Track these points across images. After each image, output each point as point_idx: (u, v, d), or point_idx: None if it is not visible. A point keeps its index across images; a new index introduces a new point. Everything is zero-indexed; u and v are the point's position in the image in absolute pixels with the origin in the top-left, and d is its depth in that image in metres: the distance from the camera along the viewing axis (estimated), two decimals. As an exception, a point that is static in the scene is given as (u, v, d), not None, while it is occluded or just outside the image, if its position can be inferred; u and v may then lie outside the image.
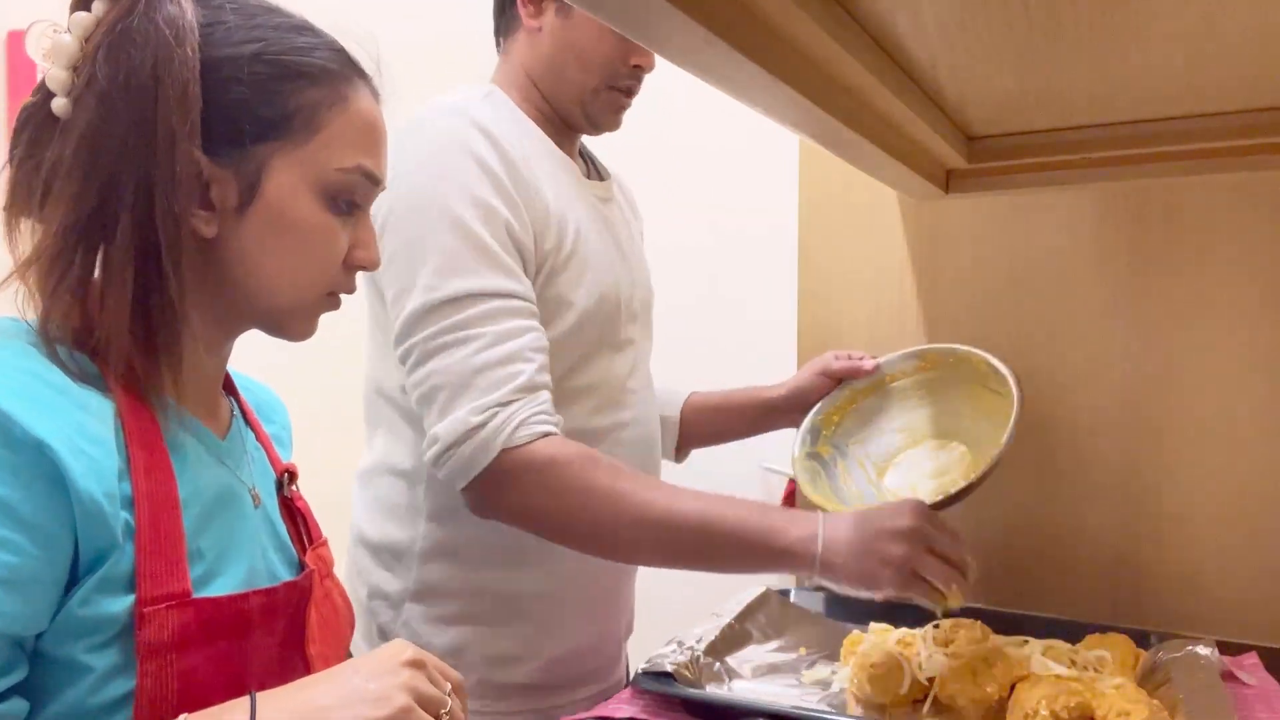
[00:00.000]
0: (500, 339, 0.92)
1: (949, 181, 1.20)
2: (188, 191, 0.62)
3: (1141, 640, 1.01)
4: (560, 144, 1.08)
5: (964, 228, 1.25)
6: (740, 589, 1.13)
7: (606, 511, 0.90)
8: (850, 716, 0.90)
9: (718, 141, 2.26)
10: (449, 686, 0.62)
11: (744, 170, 2.24)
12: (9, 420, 0.54)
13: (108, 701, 0.57)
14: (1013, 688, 0.87)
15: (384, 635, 1.06)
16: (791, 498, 2.26)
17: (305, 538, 0.77)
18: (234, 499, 0.68)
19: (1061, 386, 1.20)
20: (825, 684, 0.98)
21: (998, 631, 0.99)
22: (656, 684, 0.90)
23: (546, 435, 0.91)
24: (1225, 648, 0.98)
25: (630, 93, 1.08)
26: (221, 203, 0.65)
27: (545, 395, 0.93)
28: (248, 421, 0.77)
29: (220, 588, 0.63)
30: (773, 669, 1.01)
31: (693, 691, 0.89)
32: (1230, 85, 0.90)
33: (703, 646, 0.97)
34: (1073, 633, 1.01)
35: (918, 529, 0.87)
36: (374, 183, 0.70)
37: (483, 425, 0.90)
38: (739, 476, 2.33)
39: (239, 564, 0.66)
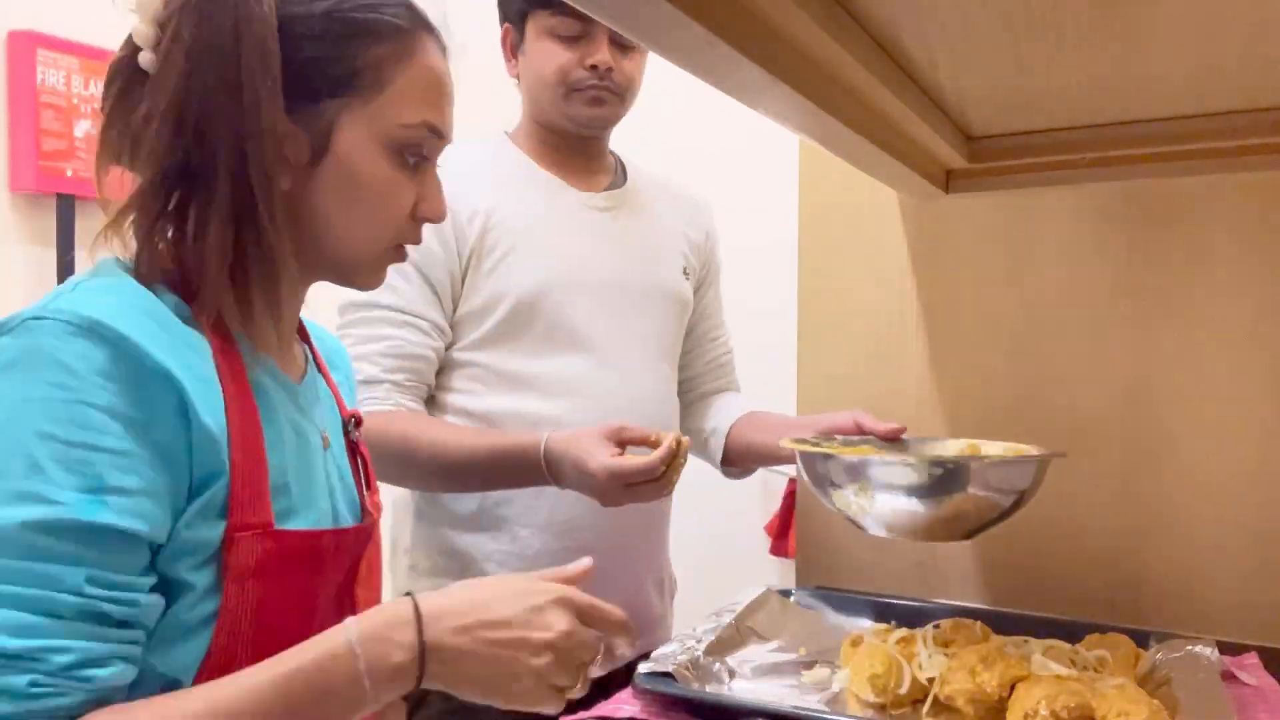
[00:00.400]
0: (361, 340, 1.12)
1: (949, 181, 1.21)
2: (274, 146, 0.64)
3: (1141, 640, 1.00)
4: (567, 162, 1.23)
5: (964, 228, 1.25)
6: (740, 589, 1.13)
7: (408, 457, 1.08)
8: (850, 716, 0.90)
9: (718, 142, 2.26)
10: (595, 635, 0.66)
11: (744, 170, 2.24)
12: (139, 350, 0.58)
13: (201, 617, 0.62)
14: (1013, 688, 0.87)
15: None
16: (792, 498, 2.26)
17: (366, 482, 0.81)
18: (307, 441, 0.72)
19: (1061, 386, 1.20)
20: (825, 684, 0.97)
21: (998, 631, 0.99)
22: (656, 684, 0.90)
23: (378, 412, 1.09)
24: (1225, 648, 0.98)
25: (598, 89, 1.17)
26: (295, 158, 0.67)
27: (385, 388, 1.11)
28: (319, 368, 0.80)
29: (297, 523, 0.67)
30: (773, 669, 1.00)
31: (693, 691, 0.89)
32: (1230, 85, 0.90)
33: (703, 646, 0.97)
34: (1073, 633, 1.01)
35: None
36: (439, 137, 0.72)
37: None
38: (739, 476, 2.33)
39: (312, 503, 0.70)
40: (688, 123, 2.26)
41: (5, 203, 1.75)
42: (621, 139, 1.30)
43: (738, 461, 1.33)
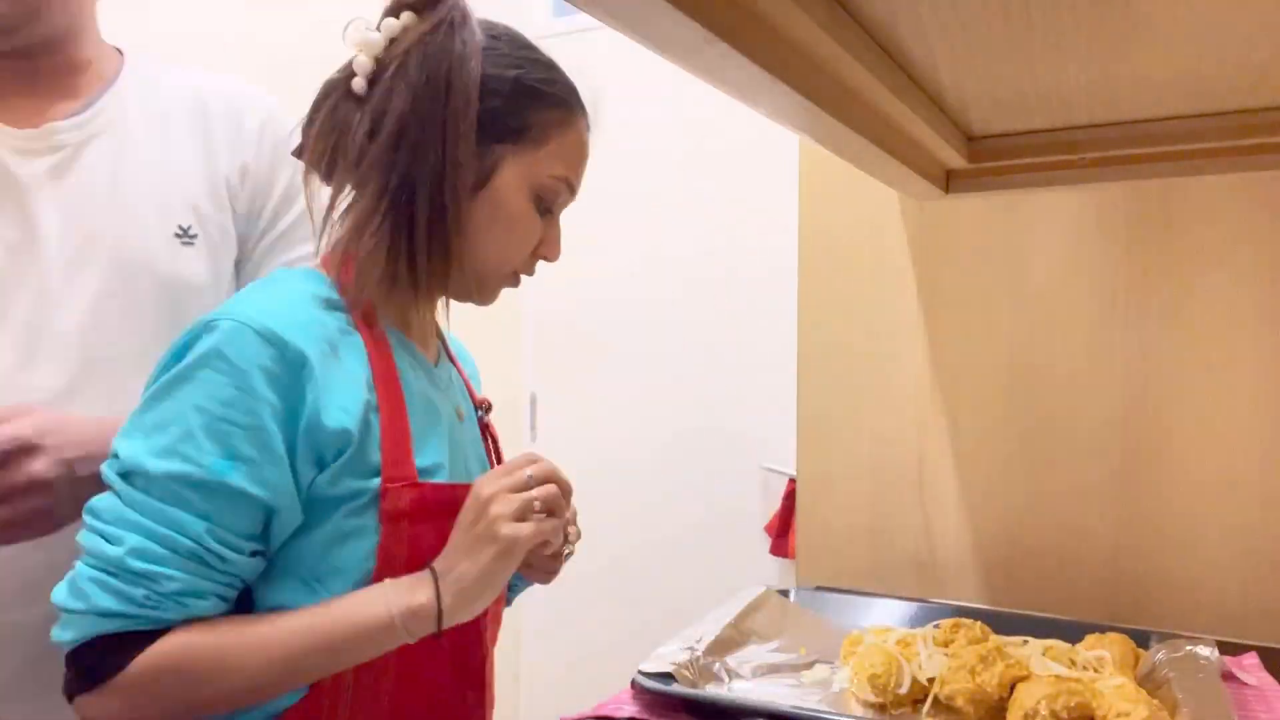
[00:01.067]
0: None
1: (949, 181, 1.21)
2: (458, 174, 0.80)
3: (1141, 640, 1.01)
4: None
5: (964, 228, 1.25)
6: (740, 589, 1.13)
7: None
8: (850, 716, 0.90)
9: (718, 142, 2.26)
10: (563, 506, 0.81)
11: (744, 171, 2.24)
12: (295, 351, 0.74)
13: (363, 553, 0.77)
14: (1013, 687, 0.87)
15: None
16: (792, 497, 2.27)
17: (496, 458, 0.98)
18: (442, 413, 0.87)
19: (1061, 386, 1.20)
20: (825, 684, 0.98)
21: (997, 631, 0.99)
22: (656, 684, 0.90)
23: None
24: (1225, 648, 0.98)
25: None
26: (463, 186, 0.82)
27: None
28: (450, 360, 0.97)
29: (439, 478, 0.83)
30: (773, 669, 1.01)
31: (693, 691, 0.89)
32: (1230, 85, 0.90)
33: (703, 646, 0.97)
34: (1073, 633, 1.01)
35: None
36: (571, 193, 0.89)
37: None
38: (739, 475, 2.33)
39: (449, 463, 0.85)
40: (688, 123, 2.26)
41: (5, 203, 1.75)
42: (622, 138, 1.29)
43: None
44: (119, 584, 0.70)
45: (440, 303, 0.91)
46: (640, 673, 0.91)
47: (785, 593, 1.20)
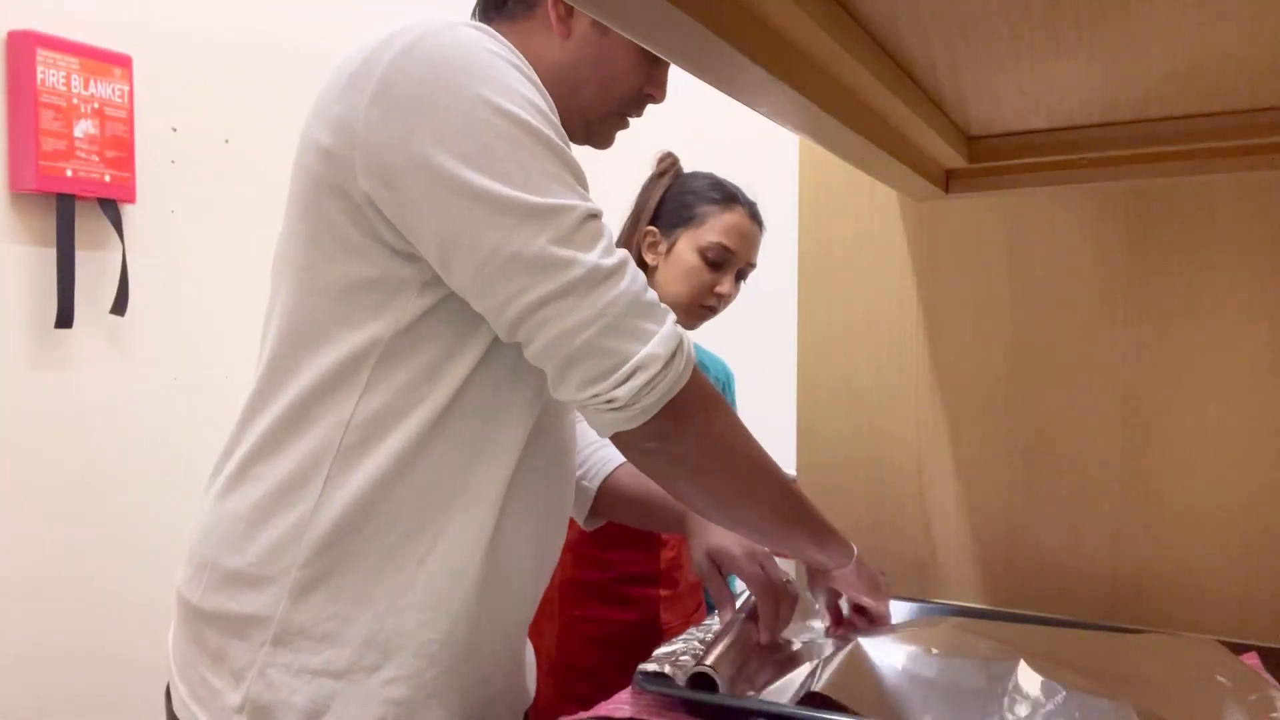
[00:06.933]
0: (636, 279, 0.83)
1: (949, 181, 1.20)
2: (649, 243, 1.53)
3: (1141, 640, 1.00)
4: None
5: (964, 228, 1.25)
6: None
7: (753, 452, 0.90)
8: (850, 716, 0.90)
9: (718, 142, 2.26)
10: None
11: (744, 170, 2.24)
12: None
13: None
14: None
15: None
16: (791, 498, 2.27)
17: None
18: None
19: (1061, 386, 1.20)
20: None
21: (997, 631, 0.99)
22: (656, 684, 0.90)
23: None
24: (1225, 648, 0.98)
25: (633, 118, 1.03)
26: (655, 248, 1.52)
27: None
28: None
29: None
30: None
31: (692, 692, 0.89)
32: (1230, 85, 0.90)
33: (703, 648, 0.97)
34: (1073, 633, 1.01)
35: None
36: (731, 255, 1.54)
37: (681, 339, 0.83)
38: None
39: None
40: (688, 123, 2.26)
41: (5, 203, 1.75)
42: (622, 139, 1.29)
43: (606, 518, 1.22)
44: None
45: None
46: (640, 673, 0.91)
47: (785, 593, 1.20)
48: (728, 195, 1.59)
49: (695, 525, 1.12)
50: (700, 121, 2.22)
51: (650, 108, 1.03)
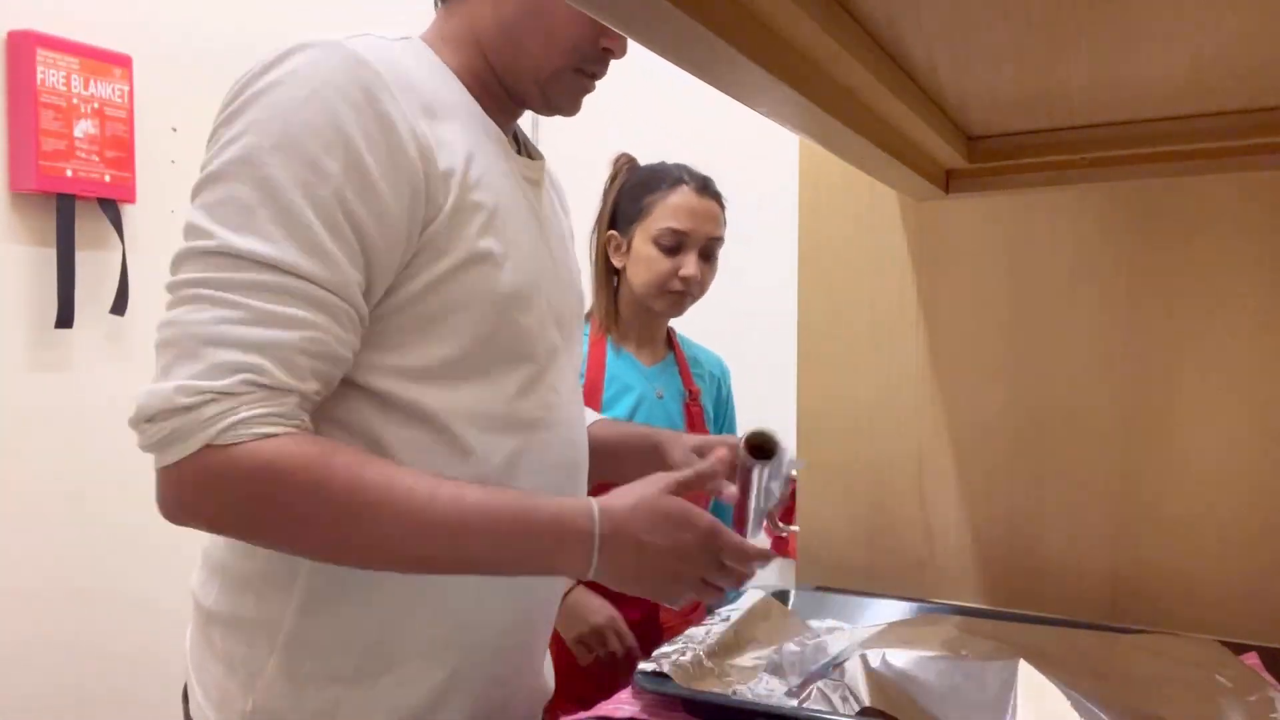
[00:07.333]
0: (262, 320, 0.74)
1: (949, 181, 1.20)
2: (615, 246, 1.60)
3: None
4: (493, 116, 0.93)
5: (964, 228, 1.25)
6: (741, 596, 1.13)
7: (345, 513, 0.75)
8: (850, 716, 0.90)
9: (717, 142, 2.26)
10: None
11: (744, 170, 2.24)
12: None
13: None
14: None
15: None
16: (792, 498, 2.26)
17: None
18: (640, 394, 1.55)
19: (1061, 386, 1.20)
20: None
21: (997, 631, 0.99)
22: (656, 684, 0.90)
23: (270, 436, 0.73)
24: (1225, 648, 0.98)
25: (595, 76, 0.95)
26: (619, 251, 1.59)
27: (293, 400, 0.75)
28: (677, 360, 1.66)
29: None
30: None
31: (692, 691, 0.89)
32: (1230, 85, 0.90)
33: (704, 648, 0.97)
34: (1073, 632, 1.01)
35: (705, 546, 0.90)
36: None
37: (188, 409, 0.72)
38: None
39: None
40: (687, 123, 2.26)
41: (5, 203, 1.75)
42: (622, 140, 1.29)
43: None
44: None
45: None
46: (639, 673, 0.91)
47: (785, 593, 1.20)
48: (671, 179, 1.60)
49: (665, 439, 1.11)
50: (700, 121, 2.22)
51: (650, 109, 1.03)
